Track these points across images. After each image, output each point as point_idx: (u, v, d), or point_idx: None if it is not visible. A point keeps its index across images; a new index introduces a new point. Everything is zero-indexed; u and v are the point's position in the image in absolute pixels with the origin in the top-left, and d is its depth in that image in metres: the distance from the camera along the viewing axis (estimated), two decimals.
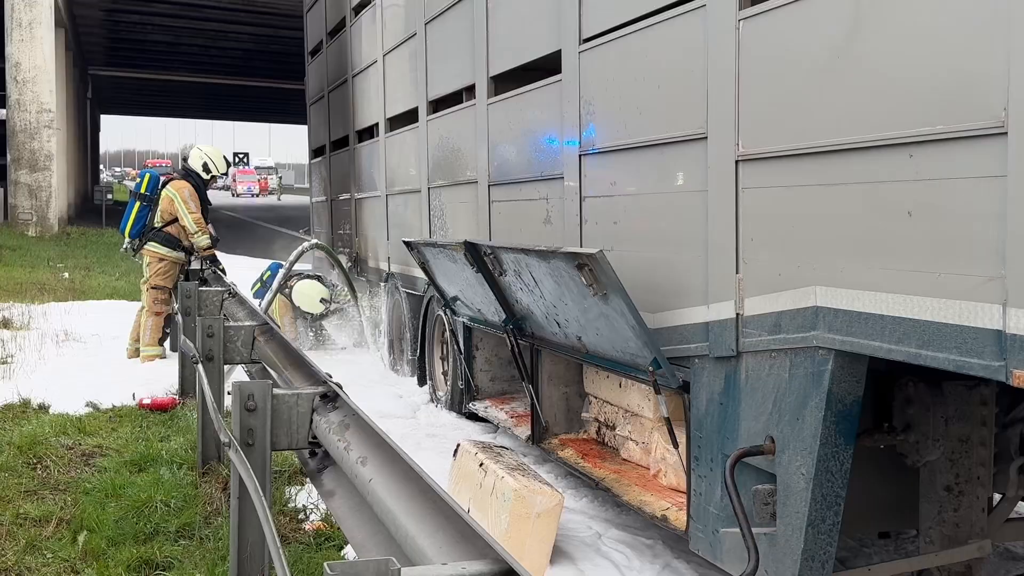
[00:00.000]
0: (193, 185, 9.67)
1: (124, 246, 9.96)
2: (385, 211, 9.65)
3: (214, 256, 9.76)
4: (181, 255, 9.74)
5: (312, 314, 11.22)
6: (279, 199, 71.36)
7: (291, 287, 11.21)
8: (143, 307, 9.74)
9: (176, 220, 9.60)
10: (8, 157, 26.21)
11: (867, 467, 3.82)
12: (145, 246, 9.68)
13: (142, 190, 9.78)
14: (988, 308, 2.70)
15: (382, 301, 10.12)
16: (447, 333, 7.67)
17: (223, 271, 9.64)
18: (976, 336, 2.74)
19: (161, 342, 9.71)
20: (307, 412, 3.59)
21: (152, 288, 9.60)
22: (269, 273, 11.68)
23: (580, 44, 5.17)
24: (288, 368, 4.61)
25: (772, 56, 3.62)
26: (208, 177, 9.89)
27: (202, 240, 9.57)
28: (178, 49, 43.71)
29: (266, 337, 5.36)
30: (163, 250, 9.64)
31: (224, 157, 10.15)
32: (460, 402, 7.53)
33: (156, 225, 9.67)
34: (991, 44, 2.68)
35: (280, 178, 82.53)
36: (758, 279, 3.73)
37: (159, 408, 7.41)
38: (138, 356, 9.62)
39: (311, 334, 11.38)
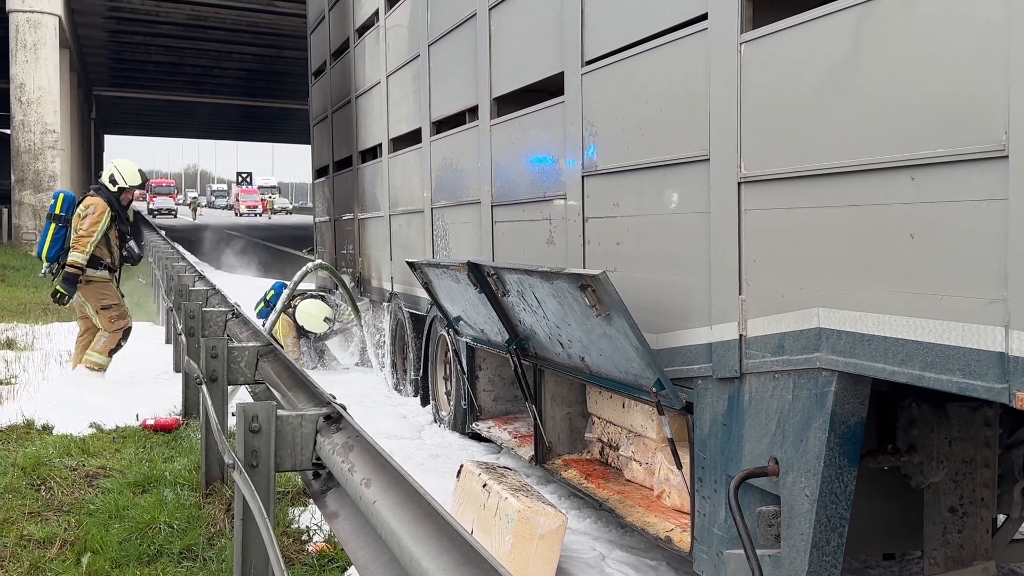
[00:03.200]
0: (106, 199, 9.16)
1: (43, 270, 9.42)
2: (388, 231, 9.67)
3: (72, 277, 8.97)
4: (104, 273, 9.26)
5: (316, 333, 11.22)
6: (269, 218, 70.91)
7: (295, 307, 11.22)
8: (100, 328, 9.31)
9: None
10: (12, 178, 26.33)
11: (871, 488, 3.82)
12: (65, 269, 9.09)
13: (56, 211, 9.21)
14: (990, 330, 2.71)
15: (385, 321, 10.14)
16: (450, 353, 7.68)
17: (64, 297, 9.04)
18: (979, 358, 2.75)
19: (112, 353, 9.21)
20: (311, 433, 3.59)
21: (101, 310, 9.18)
22: (273, 293, 11.72)
23: (583, 66, 5.20)
24: (292, 389, 4.61)
25: (774, 79, 3.64)
26: (116, 189, 9.27)
27: (74, 256, 8.93)
28: (181, 69, 43.98)
29: (270, 358, 5.37)
30: (86, 271, 9.08)
31: (139, 171, 9.44)
32: (463, 422, 7.53)
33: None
34: (991, 68, 2.70)
35: (273, 198, 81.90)
36: (761, 300, 3.74)
37: (163, 429, 7.41)
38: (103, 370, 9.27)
39: (315, 354, 11.39)
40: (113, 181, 9.31)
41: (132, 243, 9.55)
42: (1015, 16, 2.62)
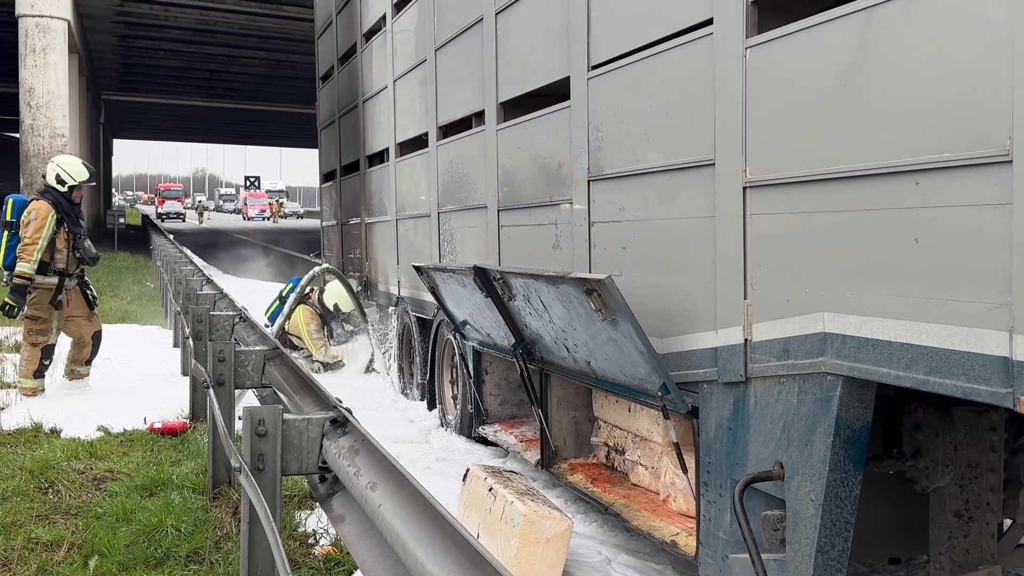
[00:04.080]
0: (53, 202, 8.84)
1: (4, 279, 8.97)
2: (395, 235, 9.69)
3: (20, 287, 8.70)
4: (53, 280, 8.87)
5: (345, 313, 11.35)
6: (275, 222, 71.01)
7: (323, 290, 11.39)
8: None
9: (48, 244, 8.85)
10: (21, 181, 26.42)
11: (876, 493, 3.82)
12: (12, 279, 8.78)
13: (7, 217, 8.87)
14: (995, 335, 2.71)
15: (392, 325, 10.16)
16: (457, 357, 7.69)
17: (13, 309, 8.72)
18: (983, 363, 2.75)
19: (38, 375, 8.88)
20: (317, 437, 3.61)
21: (26, 318, 8.83)
22: (290, 287, 11.81)
23: (589, 71, 5.21)
24: (298, 393, 4.63)
25: (779, 83, 3.65)
26: (65, 189, 8.96)
27: (20, 266, 8.65)
28: (189, 74, 44.09)
29: (276, 362, 5.39)
30: (35, 280, 8.79)
31: (85, 165, 9.22)
32: (470, 426, 7.54)
33: None
34: (996, 73, 2.70)
35: (281, 203, 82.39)
36: (766, 305, 3.75)
37: (170, 432, 7.43)
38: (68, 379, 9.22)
39: (346, 332, 11.45)
40: (61, 181, 8.99)
41: (89, 243, 9.17)
42: (1019, 21, 2.62)
